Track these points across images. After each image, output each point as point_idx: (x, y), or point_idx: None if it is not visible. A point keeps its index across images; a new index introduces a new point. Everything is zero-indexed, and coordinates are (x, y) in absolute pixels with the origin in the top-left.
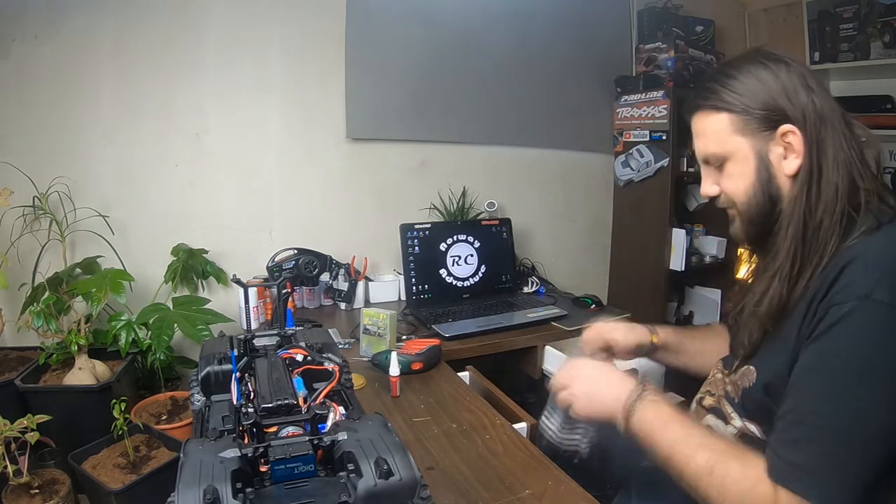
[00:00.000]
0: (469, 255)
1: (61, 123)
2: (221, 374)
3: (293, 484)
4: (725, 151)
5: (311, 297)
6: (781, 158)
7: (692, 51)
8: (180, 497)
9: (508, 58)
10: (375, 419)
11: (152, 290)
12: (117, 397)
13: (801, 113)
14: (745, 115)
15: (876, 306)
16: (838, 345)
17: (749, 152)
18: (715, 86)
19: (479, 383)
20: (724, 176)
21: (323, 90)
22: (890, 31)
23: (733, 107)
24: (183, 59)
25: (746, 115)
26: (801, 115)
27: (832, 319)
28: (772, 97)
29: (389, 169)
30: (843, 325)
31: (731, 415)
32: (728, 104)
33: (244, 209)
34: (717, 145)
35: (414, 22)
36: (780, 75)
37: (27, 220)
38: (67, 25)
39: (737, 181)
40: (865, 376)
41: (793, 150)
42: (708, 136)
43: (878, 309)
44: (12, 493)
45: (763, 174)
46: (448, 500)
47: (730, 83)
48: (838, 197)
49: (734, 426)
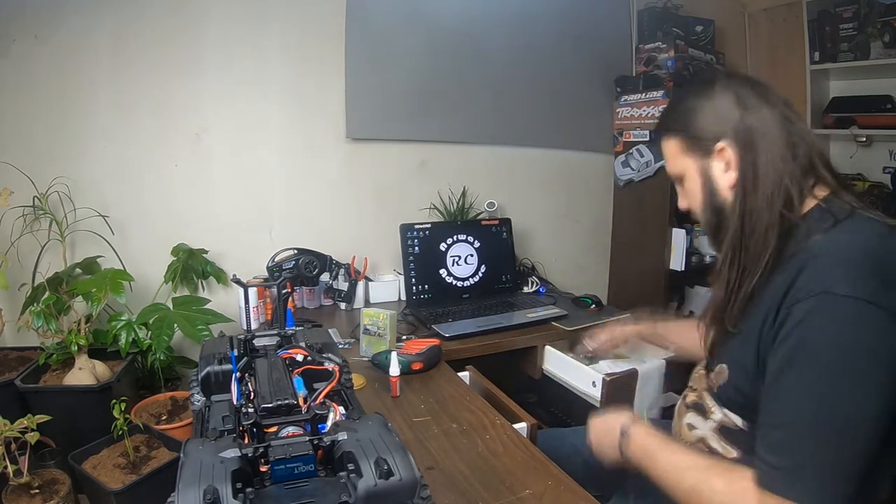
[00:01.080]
0: (469, 255)
1: (61, 123)
2: (221, 374)
3: (293, 484)
4: (679, 171)
5: (311, 297)
6: (723, 172)
7: (692, 51)
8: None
9: (508, 58)
10: (375, 419)
11: (152, 290)
12: (117, 397)
13: (732, 130)
14: (687, 137)
15: (836, 300)
16: (807, 343)
17: (695, 171)
18: (666, 112)
19: (479, 383)
20: (685, 193)
21: (323, 90)
22: (890, 31)
23: (678, 131)
24: (183, 58)
25: (689, 137)
26: (732, 132)
27: (797, 318)
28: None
29: (389, 169)
30: (809, 322)
31: (711, 408)
32: (674, 129)
33: (244, 209)
34: (673, 166)
35: (414, 22)
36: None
37: (27, 220)
38: (66, 25)
39: (692, 197)
40: (838, 370)
41: (730, 165)
42: (667, 158)
43: (838, 302)
44: (12, 493)
45: (708, 189)
46: (448, 500)
47: (676, 108)
48: (771, 205)
49: (713, 420)
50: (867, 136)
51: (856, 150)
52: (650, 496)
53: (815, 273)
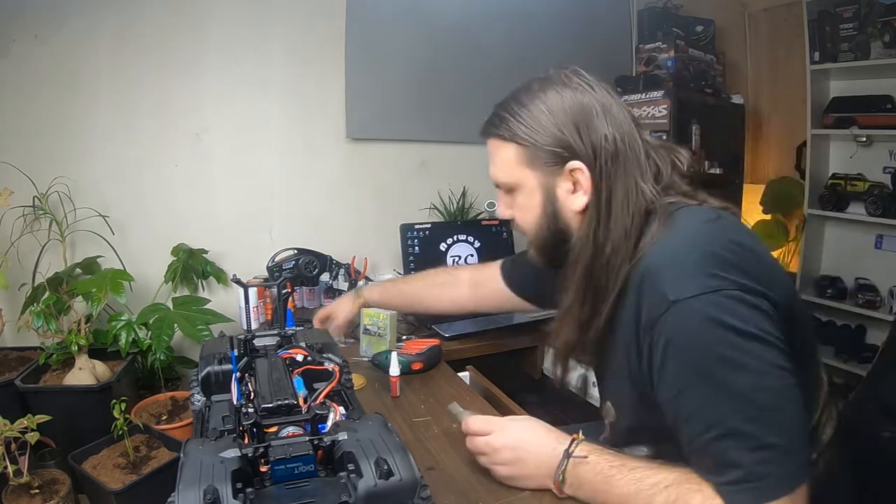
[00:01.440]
0: (469, 255)
1: (61, 123)
2: (221, 374)
3: (293, 484)
4: (513, 181)
5: (311, 297)
6: (569, 193)
7: (692, 51)
8: (180, 497)
9: (508, 57)
10: (375, 419)
11: (152, 290)
12: (117, 397)
13: (591, 149)
14: (532, 149)
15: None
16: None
17: (535, 186)
18: (505, 114)
19: (479, 383)
20: (515, 204)
21: (323, 90)
22: (890, 31)
23: (521, 139)
24: (183, 58)
25: (534, 149)
26: (591, 151)
27: (663, 338)
28: (560, 131)
29: (389, 169)
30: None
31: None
32: (516, 136)
33: (244, 209)
34: (505, 175)
35: (414, 22)
36: (573, 106)
37: (27, 220)
38: (67, 25)
39: (524, 212)
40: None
41: (581, 187)
42: (497, 163)
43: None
44: (12, 493)
45: (549, 208)
46: (448, 500)
47: (520, 113)
48: (627, 236)
49: None
50: (867, 136)
51: (856, 150)
52: None
53: (656, 288)
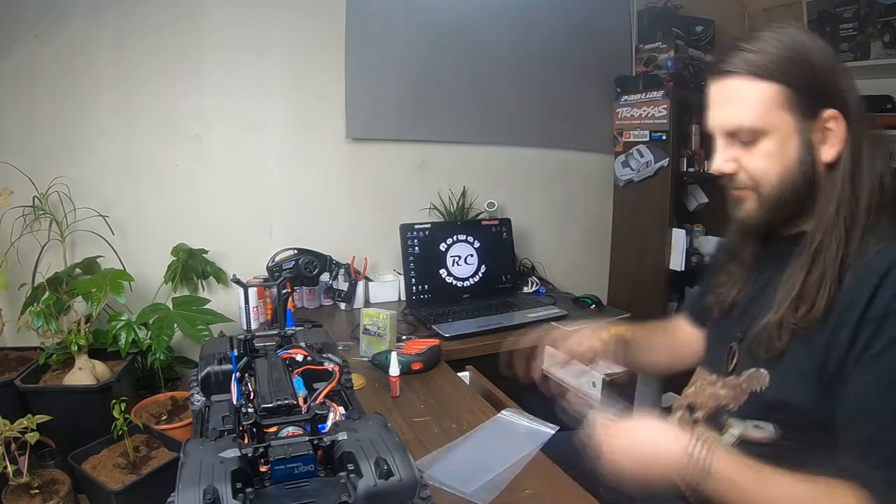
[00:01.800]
0: (469, 255)
1: (61, 123)
2: (221, 374)
3: (293, 484)
4: (765, 126)
5: (311, 297)
6: (820, 143)
7: (692, 51)
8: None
9: (508, 58)
10: (375, 419)
11: (152, 290)
12: (117, 397)
13: (845, 99)
14: (795, 91)
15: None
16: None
17: (792, 131)
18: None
19: (478, 383)
20: (755, 153)
21: (323, 90)
22: (890, 31)
23: (783, 78)
24: (183, 58)
25: (794, 91)
26: (846, 101)
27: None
28: (823, 77)
29: (389, 169)
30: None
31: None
32: (776, 74)
33: (244, 209)
34: (756, 118)
35: (414, 22)
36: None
37: (27, 220)
38: (67, 25)
39: (771, 161)
40: None
41: (834, 137)
42: (744, 105)
43: None
44: (12, 493)
45: (805, 157)
46: (448, 500)
47: (777, 50)
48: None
49: (732, 434)
50: None
51: None
52: None
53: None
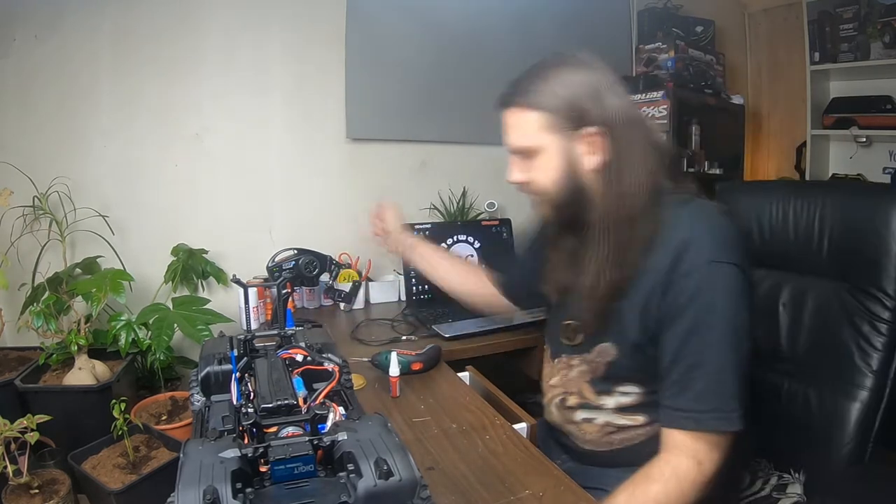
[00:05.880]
0: (469, 256)
1: (61, 123)
2: (221, 374)
3: (293, 484)
4: (534, 146)
5: (311, 297)
6: (585, 154)
7: (692, 51)
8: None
9: (509, 58)
10: (375, 419)
11: (152, 290)
12: (117, 397)
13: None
14: (553, 116)
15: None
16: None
17: (556, 149)
18: (526, 86)
19: (479, 383)
20: (534, 167)
21: (323, 90)
22: (890, 32)
23: (543, 107)
24: (183, 58)
25: (555, 116)
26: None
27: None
28: (578, 100)
29: (389, 169)
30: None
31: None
32: (539, 104)
33: (244, 209)
34: (528, 140)
35: (414, 22)
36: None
37: (27, 220)
38: (67, 25)
39: (545, 173)
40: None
41: (596, 148)
42: (518, 131)
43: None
44: (12, 493)
45: (569, 168)
46: (448, 500)
47: (541, 84)
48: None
49: (608, 408)
50: (867, 136)
51: (856, 150)
52: None
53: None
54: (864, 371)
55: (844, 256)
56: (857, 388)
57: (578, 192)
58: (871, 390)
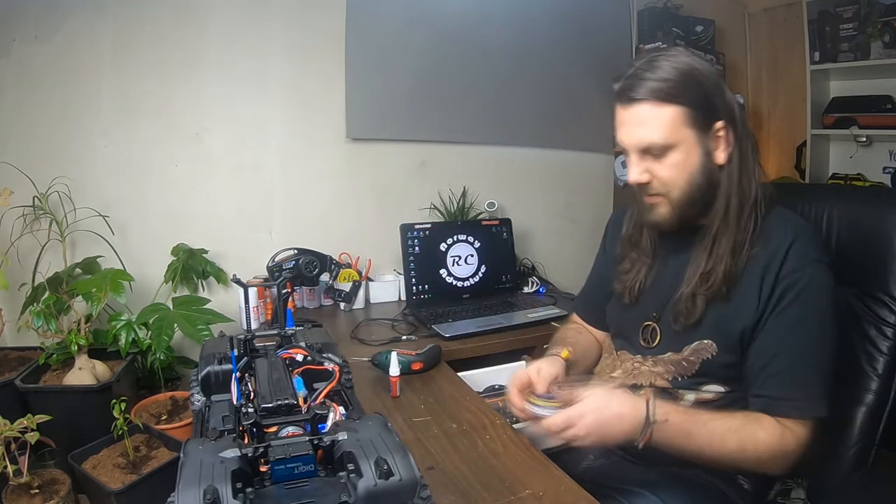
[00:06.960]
0: (469, 256)
1: (61, 123)
2: (221, 374)
3: (293, 484)
4: (672, 141)
5: (311, 297)
6: (715, 150)
7: (692, 51)
8: (180, 497)
9: (508, 58)
10: (375, 419)
11: (152, 290)
12: (117, 397)
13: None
14: (693, 109)
15: (822, 266)
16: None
17: (694, 143)
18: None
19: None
20: (665, 164)
21: (323, 90)
22: (890, 31)
23: (682, 100)
24: (183, 58)
25: (694, 109)
26: (731, 112)
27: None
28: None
29: (389, 169)
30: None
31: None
32: (677, 97)
33: (244, 209)
34: (665, 136)
35: (414, 22)
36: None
37: (27, 220)
38: (67, 25)
39: (679, 170)
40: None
41: (724, 142)
42: (654, 126)
43: (822, 267)
44: (12, 493)
45: (705, 162)
46: (448, 500)
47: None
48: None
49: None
50: (867, 136)
51: (856, 150)
52: None
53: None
54: (869, 375)
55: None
56: (863, 391)
57: (709, 189)
58: (876, 394)
